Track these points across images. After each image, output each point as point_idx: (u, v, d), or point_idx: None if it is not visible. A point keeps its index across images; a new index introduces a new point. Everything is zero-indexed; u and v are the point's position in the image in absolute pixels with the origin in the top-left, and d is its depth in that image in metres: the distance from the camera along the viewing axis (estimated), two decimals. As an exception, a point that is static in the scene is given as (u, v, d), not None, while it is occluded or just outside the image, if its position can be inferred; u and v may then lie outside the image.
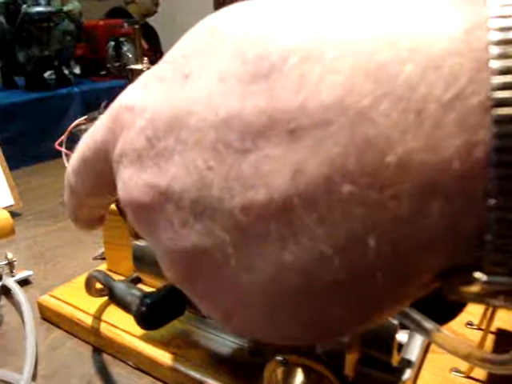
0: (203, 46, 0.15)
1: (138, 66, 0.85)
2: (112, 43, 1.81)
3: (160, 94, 0.16)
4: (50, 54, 1.60)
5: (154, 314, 0.30)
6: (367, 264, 0.13)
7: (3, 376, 0.37)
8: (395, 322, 0.29)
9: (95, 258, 0.57)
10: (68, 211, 0.23)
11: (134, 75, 0.84)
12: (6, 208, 0.65)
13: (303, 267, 0.14)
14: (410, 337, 0.35)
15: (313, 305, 0.14)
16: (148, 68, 0.86)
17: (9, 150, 0.98)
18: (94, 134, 0.19)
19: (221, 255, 0.15)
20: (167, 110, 0.15)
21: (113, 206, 0.46)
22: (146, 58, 0.86)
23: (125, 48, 1.83)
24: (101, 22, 1.79)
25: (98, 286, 0.40)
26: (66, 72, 1.71)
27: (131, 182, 0.16)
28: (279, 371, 0.26)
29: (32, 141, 1.33)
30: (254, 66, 0.14)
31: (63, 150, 0.69)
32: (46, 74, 1.67)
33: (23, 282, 0.51)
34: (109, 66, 1.83)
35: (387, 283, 0.13)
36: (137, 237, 0.40)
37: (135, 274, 0.47)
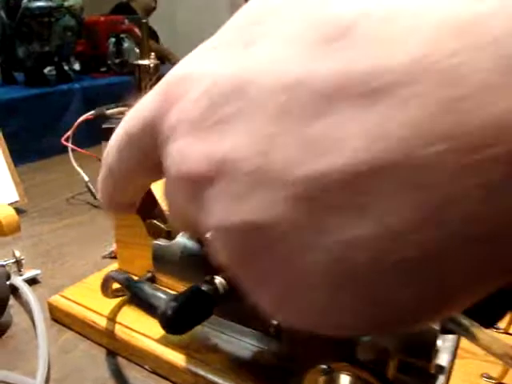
0: (262, 14, 0.15)
1: (145, 62, 0.83)
2: (113, 39, 1.79)
3: (219, 61, 0.15)
4: (50, 49, 1.57)
5: (181, 317, 0.28)
6: (447, 241, 0.12)
7: (16, 380, 0.36)
8: (436, 327, 0.28)
9: (105, 257, 0.55)
10: (102, 194, 0.22)
11: (140, 71, 0.82)
12: (10, 204, 0.63)
13: (373, 244, 0.12)
14: (442, 341, 0.34)
15: (379, 286, 0.13)
16: (155, 64, 0.85)
17: (10, 145, 0.96)
18: (140, 109, 0.18)
19: (279, 231, 0.13)
20: (228, 76, 0.14)
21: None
22: (152, 54, 0.85)
23: (125, 44, 1.81)
24: (102, 18, 1.77)
25: (115, 286, 0.38)
26: (66, 68, 1.69)
27: (185, 153, 0.15)
28: (321, 380, 0.25)
29: (33, 137, 1.31)
30: (324, 29, 0.13)
31: (69, 145, 0.67)
32: (46, 70, 1.64)
33: (31, 281, 0.50)
34: (109, 62, 1.81)
35: (466, 267, 0.12)
36: (155, 236, 0.39)
37: (149, 274, 0.46)
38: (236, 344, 0.38)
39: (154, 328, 0.40)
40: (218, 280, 0.32)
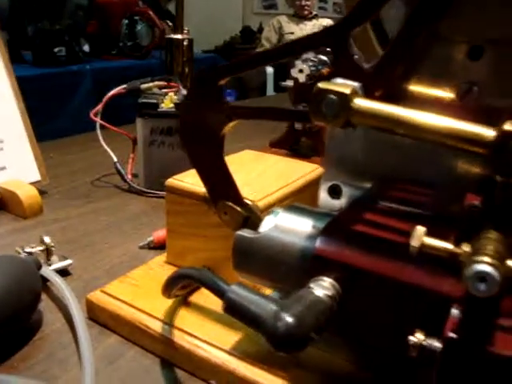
0: None
1: (178, 36, 0.76)
2: (126, 21, 1.71)
3: None
4: (61, 28, 1.50)
5: (296, 333, 0.22)
6: None
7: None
8: None
9: (142, 247, 0.48)
10: None
11: (173, 45, 0.75)
12: (31, 184, 0.56)
13: None
14: None
15: None
16: (189, 39, 0.77)
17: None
18: None
19: None
20: None
21: (192, 188, 0.38)
22: (186, 29, 0.78)
23: (139, 27, 1.73)
24: (115, -1, 1.69)
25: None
26: (76, 49, 1.61)
27: None
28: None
29: (41, 118, 1.23)
30: None
31: (99, 120, 0.60)
32: (56, 50, 1.56)
33: (61, 273, 0.42)
34: (121, 44, 1.73)
35: None
36: (228, 223, 0.32)
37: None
38: (325, 358, 0.31)
39: (223, 335, 0.33)
40: (329, 283, 0.25)
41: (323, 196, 0.32)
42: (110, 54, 1.75)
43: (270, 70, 2.66)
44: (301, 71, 0.59)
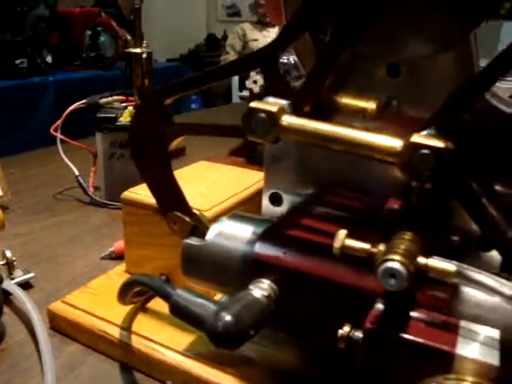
0: None
1: (137, 50, 0.78)
2: (89, 32, 1.70)
3: None
4: (23, 39, 1.49)
5: (234, 330, 0.24)
6: None
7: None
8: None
9: (103, 258, 0.50)
10: None
11: (133, 59, 0.77)
12: (-8, 201, 0.56)
13: None
14: None
15: None
16: (148, 52, 0.79)
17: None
18: None
19: None
20: None
21: (145, 199, 0.40)
22: (145, 42, 0.79)
23: (102, 38, 1.73)
24: (77, 10, 1.69)
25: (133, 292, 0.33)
26: (39, 60, 1.60)
27: None
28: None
29: (4, 131, 1.22)
30: None
31: (59, 135, 0.61)
32: (18, 62, 1.54)
33: (23, 286, 0.44)
34: (84, 55, 1.73)
35: None
36: (178, 232, 0.34)
37: (163, 277, 0.41)
38: (276, 357, 0.33)
39: (178, 338, 0.35)
40: (267, 284, 0.28)
41: (265, 204, 0.34)
42: (73, 65, 1.75)
43: (235, 78, 2.69)
44: (255, 82, 0.62)
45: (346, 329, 0.25)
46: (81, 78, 1.64)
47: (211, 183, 0.44)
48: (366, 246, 0.24)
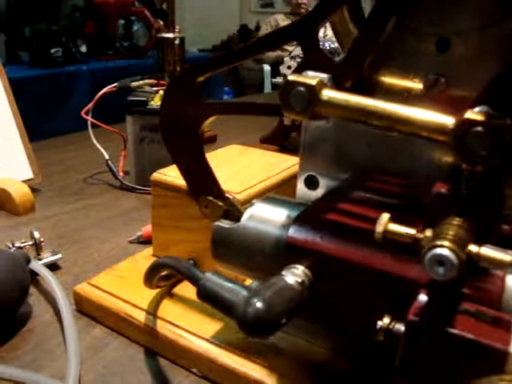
0: None
1: (170, 35, 0.77)
2: (122, 22, 1.71)
3: None
4: (57, 29, 1.51)
5: (265, 318, 0.22)
6: None
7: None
8: None
9: (132, 242, 0.49)
10: None
11: (165, 44, 0.76)
12: (24, 182, 0.57)
13: None
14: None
15: None
16: (180, 37, 0.78)
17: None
18: None
19: None
20: None
21: (175, 181, 0.39)
22: (177, 27, 0.79)
23: (135, 27, 1.74)
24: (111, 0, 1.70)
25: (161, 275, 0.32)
26: (73, 50, 1.62)
27: None
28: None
29: (38, 118, 1.24)
30: None
31: (89, 118, 0.61)
32: (52, 51, 1.57)
33: (51, 267, 0.43)
34: (117, 45, 1.74)
35: None
36: (209, 216, 0.33)
37: (191, 261, 0.40)
38: (307, 347, 0.32)
39: (205, 325, 0.34)
40: (301, 270, 0.26)
41: (300, 187, 0.32)
42: (107, 54, 1.76)
43: (267, 67, 2.67)
44: (289, 67, 0.60)
45: (386, 320, 0.23)
46: (114, 67, 1.66)
47: (243, 166, 0.42)
48: (412, 231, 0.22)
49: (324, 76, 0.25)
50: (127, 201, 0.59)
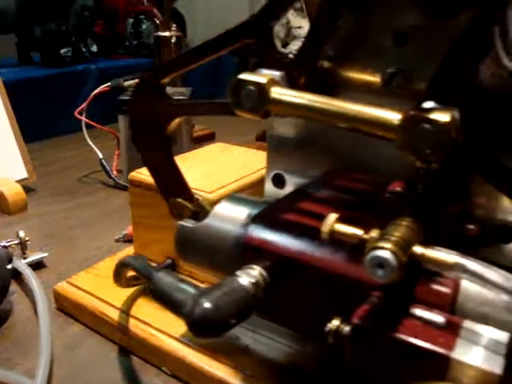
0: None
1: (166, 34, 0.77)
2: (131, 20, 1.72)
3: None
4: (67, 29, 1.52)
5: (212, 318, 0.22)
6: None
7: (13, 380, 0.30)
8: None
9: (118, 240, 0.49)
10: None
11: (161, 42, 0.76)
12: (18, 182, 0.57)
13: None
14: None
15: None
16: (177, 36, 0.78)
17: (25, 125, 0.92)
18: None
19: None
20: None
21: (148, 179, 0.39)
22: (174, 25, 0.79)
23: (144, 26, 1.75)
24: (120, -2, 1.71)
25: (130, 274, 0.32)
26: (84, 49, 1.64)
27: None
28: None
29: (48, 117, 1.26)
30: None
31: (83, 118, 0.61)
32: (63, 51, 1.59)
33: (36, 266, 0.44)
34: (127, 44, 1.75)
35: None
36: (179, 217, 0.33)
37: (169, 261, 0.40)
38: (271, 345, 0.31)
39: (175, 324, 0.33)
40: (257, 271, 0.26)
41: (268, 186, 0.32)
42: (117, 53, 1.78)
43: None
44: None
45: (336, 323, 0.23)
46: (123, 66, 1.67)
47: (221, 165, 0.42)
48: (359, 231, 0.22)
49: (277, 74, 0.25)
50: (119, 199, 0.60)
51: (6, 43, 1.52)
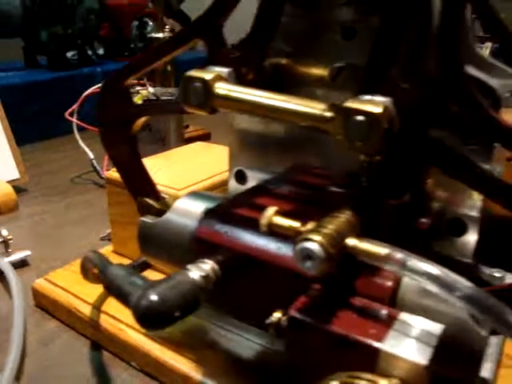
0: None
1: (159, 35, 0.78)
2: (136, 23, 1.74)
3: None
4: (73, 32, 1.55)
5: (158, 310, 0.22)
6: None
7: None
8: (483, 331, 0.21)
9: (103, 239, 0.50)
10: None
11: (154, 44, 0.77)
12: (10, 182, 0.59)
13: None
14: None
15: None
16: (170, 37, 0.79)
17: (31, 127, 0.95)
18: None
19: None
20: None
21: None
22: (167, 26, 0.79)
23: (149, 28, 1.76)
24: (125, 1, 1.73)
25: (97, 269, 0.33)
26: (90, 53, 1.66)
27: None
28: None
29: (55, 119, 1.29)
30: None
31: (74, 120, 0.62)
32: (69, 54, 1.62)
33: (20, 264, 0.45)
34: (132, 46, 1.77)
35: None
36: (143, 213, 0.33)
37: (144, 258, 0.40)
38: (237, 341, 0.32)
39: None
40: (210, 265, 0.26)
41: (231, 182, 0.32)
42: (124, 56, 1.80)
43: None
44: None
45: (277, 315, 0.23)
46: (128, 68, 1.68)
47: (199, 163, 0.43)
48: (295, 224, 0.22)
49: (224, 70, 0.25)
50: (108, 199, 0.61)
51: (13, 47, 1.55)
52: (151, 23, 1.74)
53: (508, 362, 0.30)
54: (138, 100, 0.62)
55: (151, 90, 0.63)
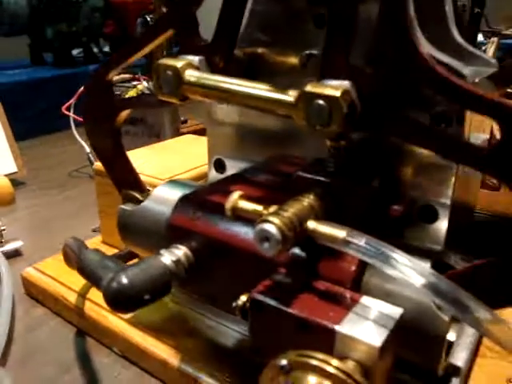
0: None
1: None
2: (139, 20, 1.75)
3: None
4: (77, 30, 1.56)
5: (127, 292, 0.23)
6: None
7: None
8: (445, 317, 0.21)
9: (95, 230, 0.51)
10: None
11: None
12: (8, 175, 0.60)
13: None
14: (458, 335, 0.27)
15: None
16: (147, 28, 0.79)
17: (37, 124, 0.96)
18: None
19: None
20: None
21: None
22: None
23: (154, 25, 1.77)
24: (130, -2, 1.74)
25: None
26: (96, 50, 1.68)
27: None
28: (280, 381, 0.19)
29: (59, 115, 1.30)
30: None
31: (71, 114, 0.63)
32: (75, 52, 1.63)
33: (13, 254, 0.46)
34: (138, 43, 1.78)
35: None
36: (125, 201, 0.34)
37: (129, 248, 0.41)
38: (217, 329, 0.32)
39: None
40: (182, 250, 0.26)
41: (211, 171, 0.33)
42: (128, 52, 1.80)
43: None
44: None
45: (243, 298, 0.23)
46: (133, 65, 1.69)
47: (186, 154, 0.43)
48: (258, 207, 0.22)
49: (195, 58, 0.25)
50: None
51: (19, 44, 1.57)
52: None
53: (488, 352, 0.30)
54: (131, 94, 0.63)
55: (146, 84, 0.64)
